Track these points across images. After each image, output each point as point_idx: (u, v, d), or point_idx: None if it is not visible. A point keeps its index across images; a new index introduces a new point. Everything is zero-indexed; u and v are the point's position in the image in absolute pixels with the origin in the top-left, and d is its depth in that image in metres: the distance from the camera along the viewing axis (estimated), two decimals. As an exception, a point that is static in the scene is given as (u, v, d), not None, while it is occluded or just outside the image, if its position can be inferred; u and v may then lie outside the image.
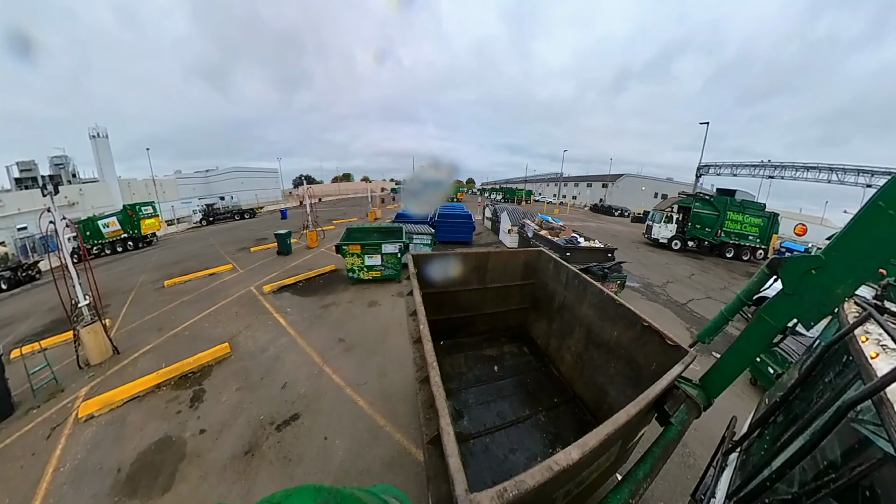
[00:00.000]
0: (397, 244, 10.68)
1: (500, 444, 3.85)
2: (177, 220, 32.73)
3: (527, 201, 54.66)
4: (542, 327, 5.59)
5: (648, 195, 50.93)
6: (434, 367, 2.58)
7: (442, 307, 5.16)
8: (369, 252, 10.53)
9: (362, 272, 10.69)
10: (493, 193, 59.79)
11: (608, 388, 4.02)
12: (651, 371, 3.33)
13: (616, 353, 3.93)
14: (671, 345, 3.10)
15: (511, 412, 4.28)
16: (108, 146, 39.84)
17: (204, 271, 12.82)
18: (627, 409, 2.14)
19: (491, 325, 5.78)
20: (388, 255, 10.68)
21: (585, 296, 4.58)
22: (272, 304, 9.23)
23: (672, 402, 2.64)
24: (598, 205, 49.06)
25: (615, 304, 3.97)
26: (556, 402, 4.47)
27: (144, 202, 22.72)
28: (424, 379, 2.63)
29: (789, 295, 2.33)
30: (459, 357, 5.20)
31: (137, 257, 18.41)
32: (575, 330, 4.74)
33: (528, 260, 5.74)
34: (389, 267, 10.82)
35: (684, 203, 20.13)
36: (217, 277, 12.12)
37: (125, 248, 20.92)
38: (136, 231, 21.05)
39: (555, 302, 5.26)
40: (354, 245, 10.39)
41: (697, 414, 2.68)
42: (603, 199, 55.68)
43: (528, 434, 3.99)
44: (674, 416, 2.56)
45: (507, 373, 4.99)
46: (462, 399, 4.45)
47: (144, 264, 15.95)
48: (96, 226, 20.25)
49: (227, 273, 12.66)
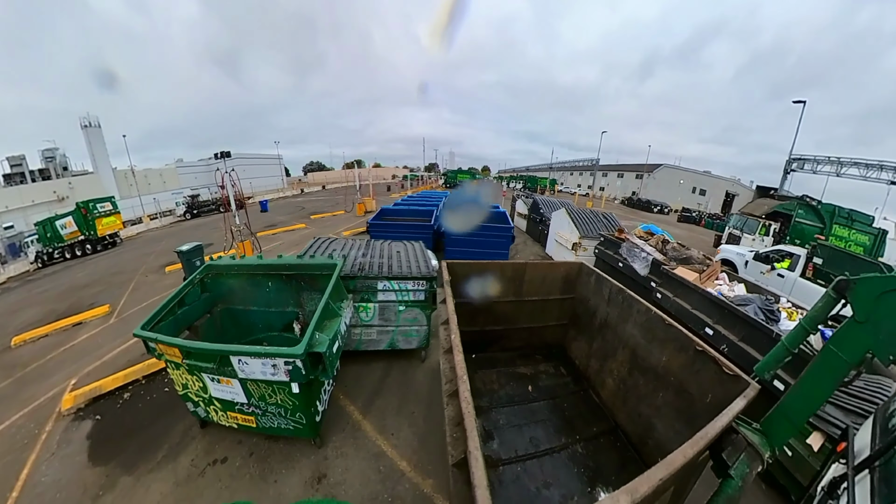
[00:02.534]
0: (309, 341, 3.30)
1: (532, 474, 3.58)
2: (160, 213, 28.27)
3: (551, 191, 48.74)
4: (581, 346, 5.24)
5: (686, 189, 46.10)
6: (464, 380, 2.48)
7: (475, 318, 5.03)
8: (209, 369, 3.53)
9: (213, 410, 4.03)
10: (513, 182, 54.55)
11: (655, 420, 3.63)
12: (706, 404, 2.97)
13: (665, 381, 3.55)
14: (730, 374, 2.75)
15: (545, 439, 4.00)
16: (101, 136, 36.82)
17: (62, 321, 8.48)
18: (684, 450, 1.90)
19: (526, 340, 5.52)
20: (265, 385, 3.56)
21: (630, 313, 4.23)
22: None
23: (731, 448, 2.26)
24: (633, 198, 43.14)
25: (664, 324, 3.63)
26: (596, 433, 4.11)
27: (101, 198, 19.36)
28: (453, 393, 2.52)
29: (861, 323, 2.00)
30: (492, 373, 5.00)
31: (73, 270, 15.12)
32: (618, 351, 4.38)
33: (569, 273, 5.44)
34: (280, 410, 3.76)
35: (785, 209, 15.32)
36: (60, 341, 7.50)
37: (84, 252, 18.26)
38: (92, 232, 18.12)
39: (596, 319, 4.91)
40: (170, 347, 3.52)
41: (761, 466, 2.26)
42: (636, 192, 49.51)
43: (563, 466, 3.69)
44: (733, 468, 2.17)
45: (541, 394, 4.70)
46: (492, 419, 4.24)
47: (49, 289, 12.20)
48: (55, 227, 17.56)
49: (85, 330, 7.97)
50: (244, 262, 4.96)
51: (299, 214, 23.56)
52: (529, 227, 16.22)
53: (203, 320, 4.75)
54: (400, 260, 5.66)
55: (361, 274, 5.10)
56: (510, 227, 10.47)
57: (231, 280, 4.98)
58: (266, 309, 5.12)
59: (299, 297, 5.05)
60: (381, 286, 5.15)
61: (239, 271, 4.94)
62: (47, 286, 12.81)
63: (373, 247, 6.23)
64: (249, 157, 54.11)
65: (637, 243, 7.61)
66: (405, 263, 5.51)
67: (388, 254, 5.91)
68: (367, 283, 5.10)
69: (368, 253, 5.89)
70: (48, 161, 38.44)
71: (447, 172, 58.35)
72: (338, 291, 4.48)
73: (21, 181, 35.40)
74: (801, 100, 23.33)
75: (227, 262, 4.97)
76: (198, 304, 4.68)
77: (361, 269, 5.20)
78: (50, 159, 38.49)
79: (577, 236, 10.13)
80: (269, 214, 24.38)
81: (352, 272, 5.09)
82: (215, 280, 4.95)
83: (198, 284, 4.74)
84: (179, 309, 4.34)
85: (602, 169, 58.10)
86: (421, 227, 10.61)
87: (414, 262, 5.61)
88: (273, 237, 16.38)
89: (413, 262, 5.60)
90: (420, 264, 5.51)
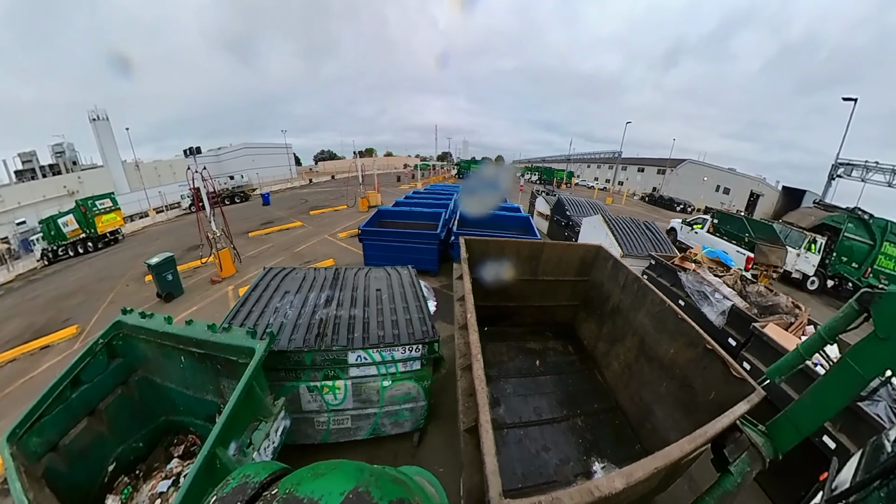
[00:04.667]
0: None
1: (533, 438, 3.90)
2: (166, 206, 27.62)
3: (567, 184, 46.40)
4: (591, 328, 5.40)
5: (709, 187, 42.76)
6: (478, 358, 2.66)
7: (490, 294, 5.19)
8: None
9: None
10: (528, 173, 50.48)
11: (655, 406, 3.83)
12: (708, 401, 3.09)
13: (670, 372, 3.69)
14: (736, 376, 2.83)
15: (548, 410, 4.30)
16: (110, 129, 36.30)
17: (31, 343, 8.10)
18: (681, 445, 2.03)
19: (538, 318, 5.72)
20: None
21: (644, 303, 4.30)
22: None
23: (733, 446, 2.37)
24: (655, 195, 40.24)
25: (677, 317, 3.69)
26: (597, 409, 4.38)
27: (100, 195, 18.88)
28: (467, 367, 2.73)
29: (883, 339, 1.96)
30: (502, 346, 5.27)
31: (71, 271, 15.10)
32: (627, 337, 4.52)
33: (586, 255, 5.49)
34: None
35: (834, 222, 13.47)
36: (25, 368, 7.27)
37: (86, 250, 18.21)
38: (92, 230, 17.99)
39: (608, 304, 5.02)
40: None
41: (762, 467, 2.38)
42: (657, 188, 45.90)
43: (563, 435, 3.99)
44: (734, 465, 2.30)
45: (548, 369, 4.96)
46: (500, 387, 4.56)
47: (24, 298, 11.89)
48: (57, 225, 17.46)
49: (49, 356, 7.63)
50: (150, 326, 3.43)
51: (300, 209, 22.33)
52: (551, 230, 14.19)
53: (113, 398, 3.50)
54: (382, 309, 4.15)
55: (320, 346, 3.52)
56: (537, 238, 8.26)
57: (142, 345, 3.61)
58: (184, 391, 3.62)
59: (218, 384, 3.38)
60: (353, 358, 3.60)
61: (147, 337, 3.51)
62: (40, 291, 12.87)
63: (343, 284, 4.73)
64: (258, 147, 52.66)
65: (709, 279, 5.79)
66: (389, 316, 4.01)
67: (365, 297, 4.39)
68: (333, 355, 3.56)
69: (335, 298, 4.33)
70: (58, 156, 38.13)
71: (460, 162, 55.50)
72: (255, 398, 2.93)
73: (32, 177, 35.26)
74: (853, 97, 19.59)
75: (136, 320, 3.51)
76: (103, 379, 3.44)
77: (320, 335, 3.65)
78: (60, 154, 38.17)
79: (618, 253, 8.00)
80: (270, 208, 23.32)
81: (305, 343, 3.52)
82: (128, 341, 3.60)
83: (102, 350, 3.44)
84: (73, 390, 3.19)
85: (624, 162, 54.55)
86: (424, 236, 9.01)
87: (403, 311, 4.13)
88: (265, 238, 15.41)
89: (402, 311, 4.13)
90: (413, 316, 4.04)
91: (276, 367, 3.45)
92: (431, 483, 1.61)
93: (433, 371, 3.93)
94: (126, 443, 3.59)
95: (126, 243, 19.26)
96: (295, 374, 3.57)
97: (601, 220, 9.32)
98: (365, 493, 1.20)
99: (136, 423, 3.69)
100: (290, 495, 1.22)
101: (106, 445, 3.42)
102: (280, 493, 1.24)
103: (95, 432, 3.32)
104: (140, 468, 3.64)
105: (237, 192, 28.84)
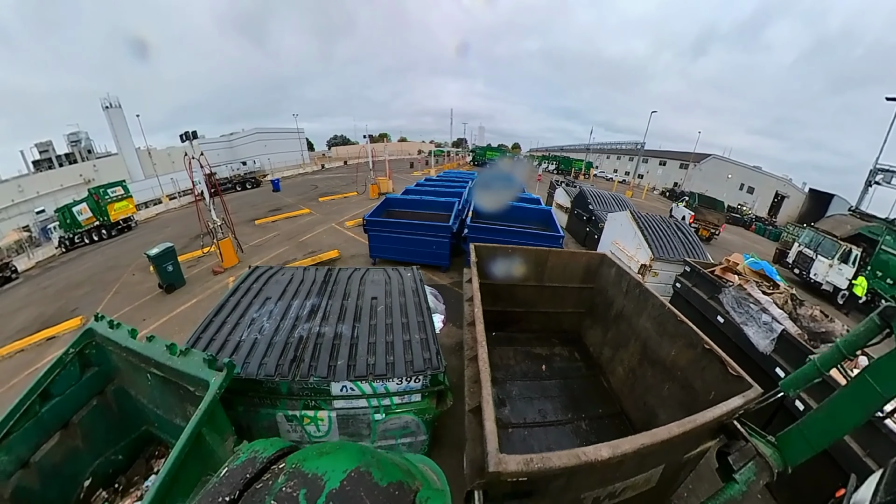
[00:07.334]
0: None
1: (538, 439, 3.86)
2: (179, 193, 27.58)
3: (585, 175, 44.16)
4: (596, 335, 5.40)
5: (733, 185, 39.35)
6: (483, 345, 2.72)
7: (498, 299, 5.18)
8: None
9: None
10: (545, 162, 48.83)
11: (659, 410, 3.80)
12: (708, 400, 3.08)
13: (671, 374, 3.71)
14: (734, 375, 2.86)
15: (553, 413, 4.25)
16: (123, 116, 36.15)
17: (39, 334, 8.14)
18: (670, 428, 2.09)
19: (544, 324, 5.70)
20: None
21: (645, 307, 4.34)
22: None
23: (738, 454, 2.33)
24: (675, 190, 37.53)
25: (676, 320, 3.73)
26: (601, 414, 4.32)
27: (112, 183, 19.28)
28: (473, 357, 2.77)
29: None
30: (509, 350, 5.22)
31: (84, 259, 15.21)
32: (630, 342, 4.52)
33: (590, 263, 5.53)
34: None
35: (871, 233, 12.50)
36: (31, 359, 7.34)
37: (101, 237, 18.65)
38: (105, 218, 18.37)
39: (612, 310, 5.04)
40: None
41: (770, 478, 2.30)
42: (678, 184, 43.15)
43: (567, 438, 3.95)
44: (739, 473, 2.23)
45: (554, 374, 4.91)
46: (506, 389, 4.49)
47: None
48: (72, 213, 17.81)
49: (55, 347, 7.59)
50: (114, 339, 3.06)
51: (310, 195, 22.35)
52: (571, 224, 13.19)
53: (87, 410, 3.22)
54: (376, 326, 3.49)
55: (294, 376, 2.99)
56: (560, 235, 7.81)
57: (114, 356, 3.28)
58: (155, 410, 3.32)
59: (185, 409, 3.01)
60: (338, 389, 3.03)
61: (114, 349, 3.17)
62: (54, 279, 13.00)
63: (333, 290, 4.11)
64: (271, 132, 51.49)
65: (756, 296, 4.86)
66: (384, 336, 3.36)
67: (357, 308, 3.74)
68: (312, 384, 3.01)
69: (321, 308, 3.70)
70: (73, 145, 38.65)
71: (475, 149, 54.37)
72: (205, 450, 2.47)
73: (49, 167, 35.96)
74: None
75: (105, 330, 3.15)
76: (76, 390, 3.14)
77: (296, 361, 3.11)
78: (75, 143, 38.65)
79: (647, 256, 7.20)
80: (280, 195, 23.19)
81: (277, 370, 3.01)
82: (101, 350, 3.27)
83: (74, 361, 3.15)
84: (43, 405, 2.93)
85: (646, 154, 50.83)
86: (435, 228, 8.34)
87: (401, 330, 3.45)
88: (271, 226, 15.17)
89: (400, 330, 3.44)
90: (413, 336, 3.36)
91: (249, 392, 3.03)
92: (434, 470, 1.63)
93: (437, 404, 3.25)
94: (104, 456, 3.31)
95: (139, 230, 19.33)
96: (270, 402, 3.08)
97: (629, 218, 8.19)
98: (366, 472, 1.29)
99: (115, 434, 3.40)
100: (297, 470, 1.32)
101: (81, 460, 3.15)
102: (287, 467, 1.34)
103: (69, 447, 3.08)
104: (120, 481, 3.35)
105: (248, 178, 28.81)
